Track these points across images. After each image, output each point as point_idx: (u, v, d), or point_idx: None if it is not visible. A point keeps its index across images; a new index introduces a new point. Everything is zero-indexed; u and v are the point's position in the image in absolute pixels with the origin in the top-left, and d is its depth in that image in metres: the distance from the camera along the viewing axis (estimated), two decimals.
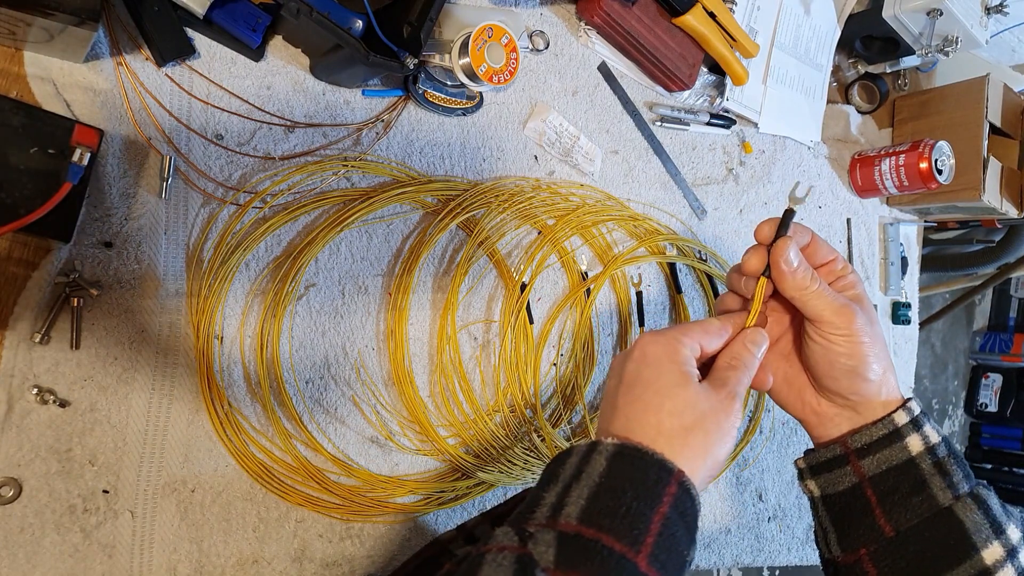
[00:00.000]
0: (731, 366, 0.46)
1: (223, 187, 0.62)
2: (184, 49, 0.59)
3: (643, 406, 0.42)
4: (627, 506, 0.37)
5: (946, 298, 2.35)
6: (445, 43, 0.68)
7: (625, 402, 0.43)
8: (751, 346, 0.47)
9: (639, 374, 0.44)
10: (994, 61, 1.23)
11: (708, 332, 0.47)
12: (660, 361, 0.44)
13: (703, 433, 0.41)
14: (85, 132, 0.53)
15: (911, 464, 0.46)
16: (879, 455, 0.47)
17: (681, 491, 0.39)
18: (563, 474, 0.40)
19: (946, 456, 0.46)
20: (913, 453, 0.46)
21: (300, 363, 0.66)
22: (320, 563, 0.65)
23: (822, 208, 1.04)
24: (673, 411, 0.42)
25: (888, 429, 0.47)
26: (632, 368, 0.44)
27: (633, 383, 0.44)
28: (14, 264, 0.54)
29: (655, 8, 0.79)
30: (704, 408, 0.42)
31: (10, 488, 0.54)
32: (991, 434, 2.95)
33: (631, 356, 0.45)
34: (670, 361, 0.44)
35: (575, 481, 0.39)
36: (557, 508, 0.38)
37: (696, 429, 0.41)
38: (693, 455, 0.41)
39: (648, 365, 0.44)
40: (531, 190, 0.77)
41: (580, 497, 0.38)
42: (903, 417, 0.47)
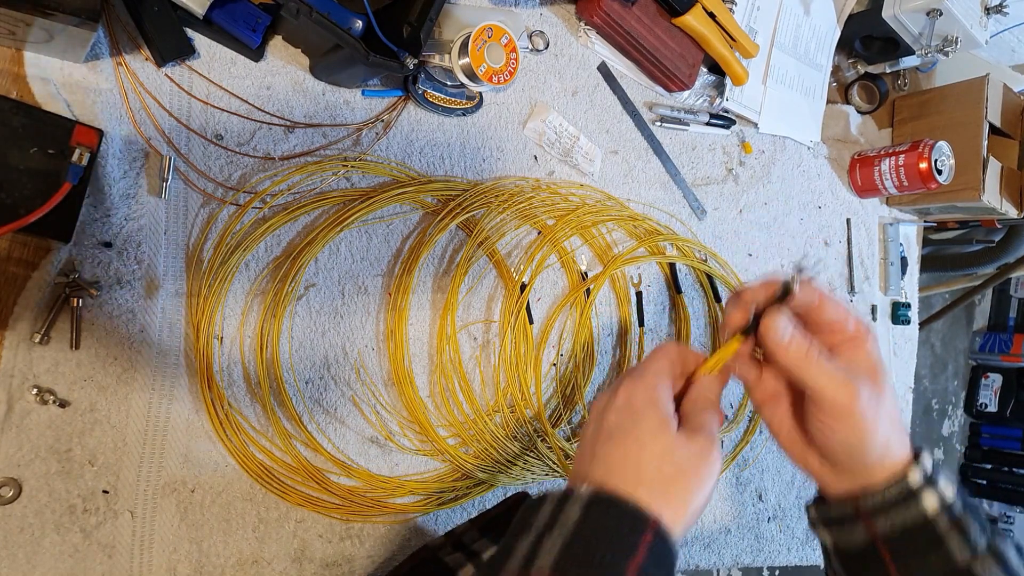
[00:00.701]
0: (702, 408, 0.45)
1: (223, 187, 0.62)
2: (184, 49, 0.59)
3: (623, 454, 0.42)
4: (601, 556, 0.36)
5: (946, 298, 2.35)
6: (445, 43, 0.68)
7: (605, 450, 0.43)
8: (709, 393, 0.46)
9: (619, 423, 0.43)
10: (994, 61, 1.23)
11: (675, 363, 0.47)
12: (639, 409, 0.43)
13: (684, 482, 0.41)
14: (85, 132, 0.53)
15: (927, 524, 0.44)
16: (894, 517, 0.45)
17: (657, 540, 0.38)
18: (536, 522, 0.39)
19: (962, 512, 0.44)
20: (929, 513, 0.44)
21: (300, 363, 0.66)
22: (320, 563, 0.65)
23: (822, 208, 1.04)
24: (652, 460, 0.41)
25: (902, 490, 0.45)
26: (612, 416, 0.44)
27: (613, 431, 0.43)
28: (14, 264, 0.54)
29: (655, 8, 0.79)
30: (683, 456, 0.41)
31: (10, 488, 0.54)
32: (991, 434, 2.95)
33: (612, 404, 0.44)
34: (649, 408, 0.43)
35: (548, 531, 0.38)
36: (529, 559, 0.37)
37: (678, 478, 0.41)
38: (674, 505, 0.40)
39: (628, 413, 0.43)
40: (531, 190, 0.77)
41: (553, 547, 0.37)
42: (916, 476, 0.45)
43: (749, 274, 0.95)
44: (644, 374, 0.45)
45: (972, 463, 2.99)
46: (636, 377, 0.45)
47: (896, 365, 1.13)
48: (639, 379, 0.45)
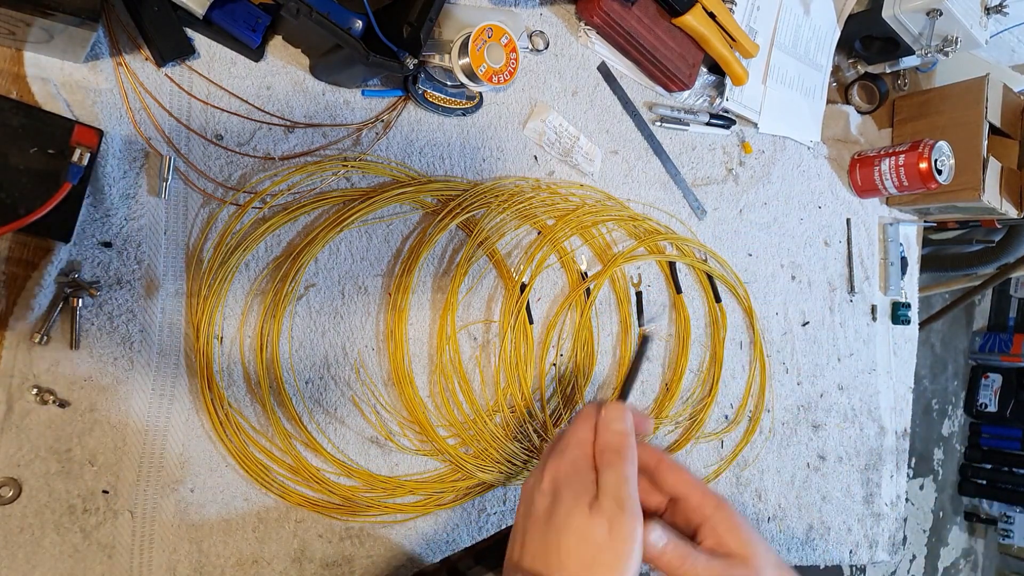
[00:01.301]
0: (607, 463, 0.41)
1: (223, 187, 0.62)
2: (184, 49, 0.59)
3: (545, 544, 0.40)
4: None
5: (946, 298, 2.35)
6: (445, 43, 0.68)
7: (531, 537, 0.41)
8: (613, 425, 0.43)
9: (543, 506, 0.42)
10: (994, 61, 1.23)
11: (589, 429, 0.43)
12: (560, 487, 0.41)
13: (607, 569, 0.38)
14: (85, 132, 0.53)
15: None
16: None
17: None
18: None
19: None
20: None
21: (300, 363, 0.66)
22: (320, 563, 0.65)
23: (822, 208, 1.04)
24: (571, 549, 0.39)
25: None
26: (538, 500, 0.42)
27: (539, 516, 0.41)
28: (14, 264, 0.54)
29: (655, 8, 0.79)
30: (598, 537, 0.39)
31: (10, 488, 0.54)
32: (991, 434, 2.96)
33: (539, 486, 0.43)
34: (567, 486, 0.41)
35: None
36: None
37: (596, 566, 0.38)
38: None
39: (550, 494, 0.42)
40: (531, 190, 0.77)
41: None
42: None
43: (749, 274, 0.95)
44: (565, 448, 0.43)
45: (972, 463, 2.99)
46: (558, 453, 0.43)
47: (896, 365, 1.13)
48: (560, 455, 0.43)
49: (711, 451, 0.90)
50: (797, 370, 1.00)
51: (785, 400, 0.98)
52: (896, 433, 1.13)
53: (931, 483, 2.89)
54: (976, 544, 3.13)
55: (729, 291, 0.93)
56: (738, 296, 0.93)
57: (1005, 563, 3.24)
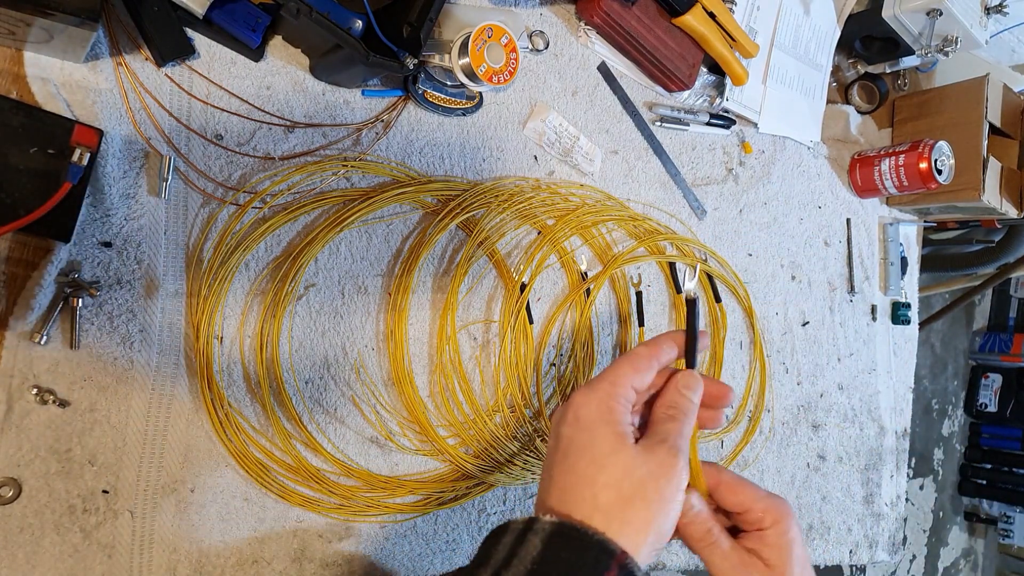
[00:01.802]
0: (669, 416, 0.42)
1: (223, 187, 0.63)
2: (184, 49, 0.59)
3: (577, 477, 0.39)
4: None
5: (946, 298, 2.35)
6: (445, 43, 0.68)
7: (560, 471, 0.40)
8: (686, 391, 0.43)
9: (573, 439, 0.40)
10: (994, 61, 1.23)
11: (639, 370, 0.43)
12: (593, 424, 0.40)
13: (643, 504, 0.38)
14: (85, 132, 0.53)
15: None
16: None
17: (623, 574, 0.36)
18: (495, 556, 0.36)
19: None
20: None
21: (300, 363, 0.66)
22: (320, 563, 0.65)
23: (822, 208, 1.04)
24: (609, 482, 0.38)
25: None
26: (566, 432, 0.41)
27: (568, 450, 0.40)
28: (14, 264, 0.54)
29: (655, 8, 0.79)
30: (642, 474, 0.38)
31: (10, 488, 0.54)
32: (991, 434, 2.96)
33: (565, 418, 0.41)
34: (603, 423, 0.40)
35: (506, 566, 0.35)
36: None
37: (635, 499, 0.38)
38: (634, 530, 0.37)
39: (581, 429, 0.40)
40: (531, 190, 0.77)
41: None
42: None
43: (749, 274, 0.95)
44: (599, 383, 0.42)
45: (972, 463, 2.99)
46: (589, 387, 0.42)
47: (896, 365, 1.13)
48: (592, 390, 0.42)
49: (711, 451, 0.90)
50: (797, 370, 1.00)
51: (785, 400, 0.98)
52: (896, 433, 1.13)
53: (931, 483, 2.89)
54: (976, 544, 3.13)
55: (729, 291, 0.93)
56: (738, 296, 0.93)
57: (1005, 563, 3.24)
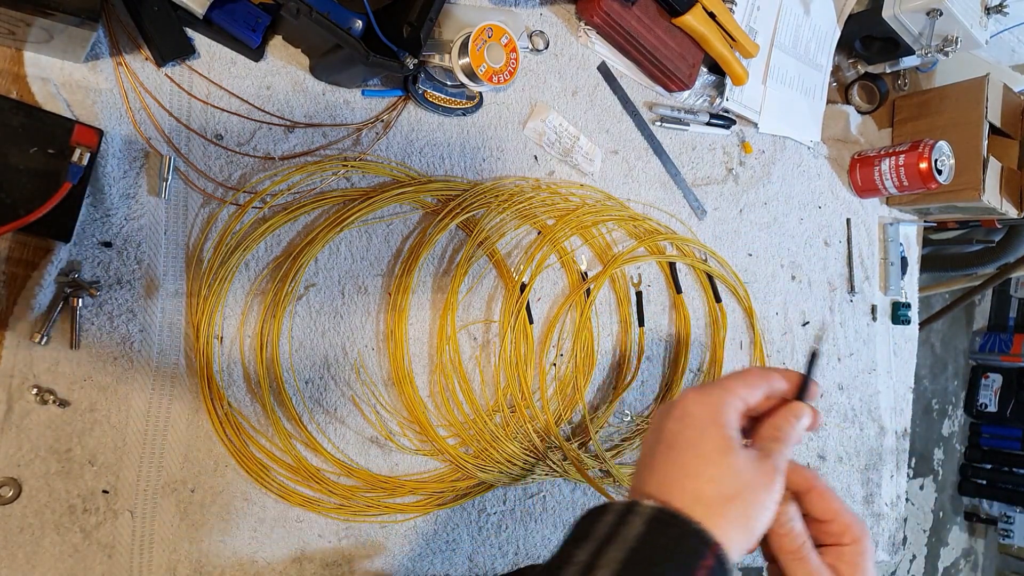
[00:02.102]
0: (775, 438, 0.44)
1: (223, 187, 0.62)
2: (184, 49, 0.59)
3: (682, 469, 0.41)
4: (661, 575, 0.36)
5: (946, 298, 2.35)
6: (445, 43, 0.68)
7: (663, 461, 0.42)
8: (793, 419, 0.45)
9: (680, 434, 0.42)
10: (994, 61, 1.23)
11: (751, 385, 0.45)
12: (703, 423, 0.42)
13: (743, 505, 0.40)
14: (85, 132, 0.53)
15: None
16: None
17: (717, 565, 0.37)
18: (596, 532, 0.38)
19: None
20: None
21: (300, 363, 0.66)
22: (320, 563, 0.65)
23: (822, 208, 1.04)
24: (714, 478, 0.40)
25: None
26: (673, 427, 0.43)
27: (673, 443, 0.42)
28: (14, 264, 0.54)
29: (655, 8, 0.79)
30: (747, 479, 0.40)
31: (10, 488, 0.54)
32: (991, 434, 2.96)
33: (672, 413, 0.43)
34: (713, 424, 0.42)
35: (609, 542, 0.37)
36: (588, 568, 0.36)
37: (736, 500, 0.40)
38: (730, 527, 0.39)
39: (690, 426, 0.42)
40: (531, 190, 0.77)
41: (614, 560, 0.36)
42: None
43: (749, 274, 0.95)
44: (713, 388, 0.44)
45: (972, 463, 2.99)
46: (702, 390, 0.44)
47: (896, 365, 1.13)
48: (705, 392, 0.44)
49: None
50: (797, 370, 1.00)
51: None
52: (896, 433, 1.13)
53: (931, 483, 2.89)
54: (976, 544, 3.13)
55: (729, 291, 0.93)
56: (738, 296, 0.93)
57: (1005, 563, 3.24)
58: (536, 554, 0.77)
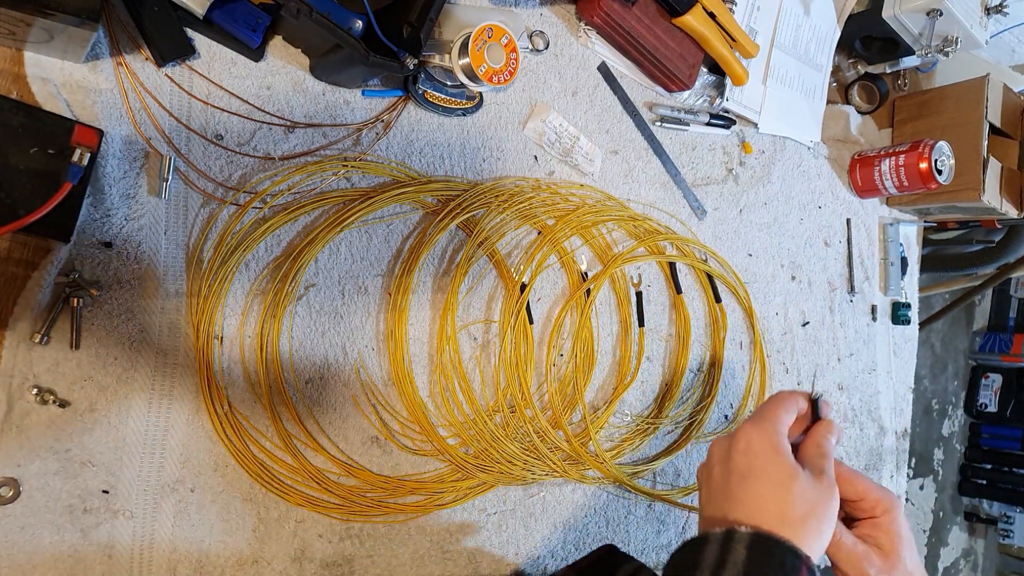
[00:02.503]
0: (820, 454, 0.50)
1: (223, 187, 0.62)
2: (184, 49, 0.59)
3: (762, 497, 0.47)
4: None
5: (946, 298, 2.35)
6: (445, 43, 0.68)
7: (742, 491, 0.48)
8: (830, 435, 0.52)
9: (751, 466, 0.48)
10: (994, 61, 1.23)
11: (788, 410, 0.52)
12: (767, 453, 0.48)
13: (816, 520, 0.46)
14: (85, 132, 0.53)
15: None
16: None
17: (809, 574, 0.43)
18: (705, 561, 0.44)
19: None
20: None
21: (300, 363, 0.66)
22: (320, 563, 0.65)
23: (822, 208, 1.04)
24: (791, 502, 0.46)
25: None
26: (740, 460, 0.49)
27: (747, 474, 0.48)
28: (14, 264, 0.54)
29: (655, 8, 0.79)
30: (814, 498, 0.47)
31: (10, 488, 0.54)
32: (991, 434, 2.96)
33: (736, 447, 0.50)
34: (776, 452, 0.48)
35: (721, 568, 0.43)
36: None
37: (811, 517, 0.46)
38: (810, 539, 0.45)
39: (756, 457, 0.49)
40: (531, 190, 0.77)
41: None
42: None
43: (749, 274, 0.95)
44: (765, 421, 0.50)
45: (972, 463, 2.99)
46: (757, 424, 0.50)
47: (896, 365, 1.13)
48: (761, 426, 0.50)
49: None
50: (797, 370, 1.00)
51: None
52: (896, 433, 1.13)
53: (931, 483, 2.89)
54: (976, 544, 3.13)
55: (729, 291, 0.93)
56: (738, 296, 0.93)
57: (1005, 563, 3.24)
58: (536, 554, 0.77)
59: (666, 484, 0.87)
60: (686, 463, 0.88)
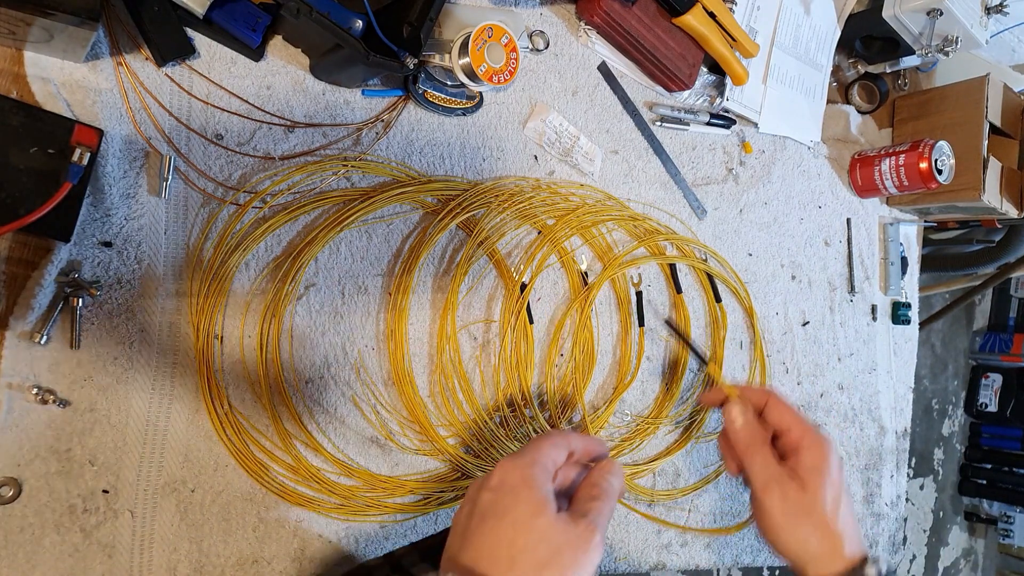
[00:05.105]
0: (592, 496, 0.44)
1: (223, 187, 0.62)
2: (184, 49, 0.59)
3: (496, 538, 0.40)
4: None
5: (946, 298, 2.35)
6: (445, 43, 0.68)
7: (478, 533, 0.41)
8: (608, 476, 0.46)
9: (495, 503, 0.42)
10: (994, 61, 1.23)
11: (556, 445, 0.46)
12: (516, 488, 0.42)
13: (559, 568, 0.39)
14: (85, 132, 0.53)
15: None
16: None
17: None
18: None
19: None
20: None
21: (300, 363, 0.66)
22: (320, 563, 0.65)
23: (822, 208, 1.04)
24: (527, 545, 0.39)
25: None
26: (487, 496, 0.42)
27: (487, 512, 0.41)
28: (14, 264, 0.54)
29: (655, 8, 0.79)
30: (560, 542, 0.40)
31: (10, 488, 0.54)
32: (991, 434, 2.96)
33: (487, 484, 0.43)
34: (526, 487, 0.42)
35: None
36: None
37: (551, 565, 0.39)
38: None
39: (504, 493, 0.42)
40: (531, 190, 0.77)
41: None
42: None
43: (749, 274, 0.95)
44: (524, 454, 0.44)
45: (972, 463, 2.99)
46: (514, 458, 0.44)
47: (896, 365, 1.13)
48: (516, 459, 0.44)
49: (712, 451, 0.90)
50: (797, 370, 1.00)
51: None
52: (896, 433, 1.13)
53: (931, 483, 2.89)
54: (976, 544, 3.13)
55: (729, 291, 0.93)
56: (738, 296, 0.93)
57: (1005, 563, 3.24)
58: None
59: (666, 484, 0.87)
60: (686, 463, 0.88)
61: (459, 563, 0.40)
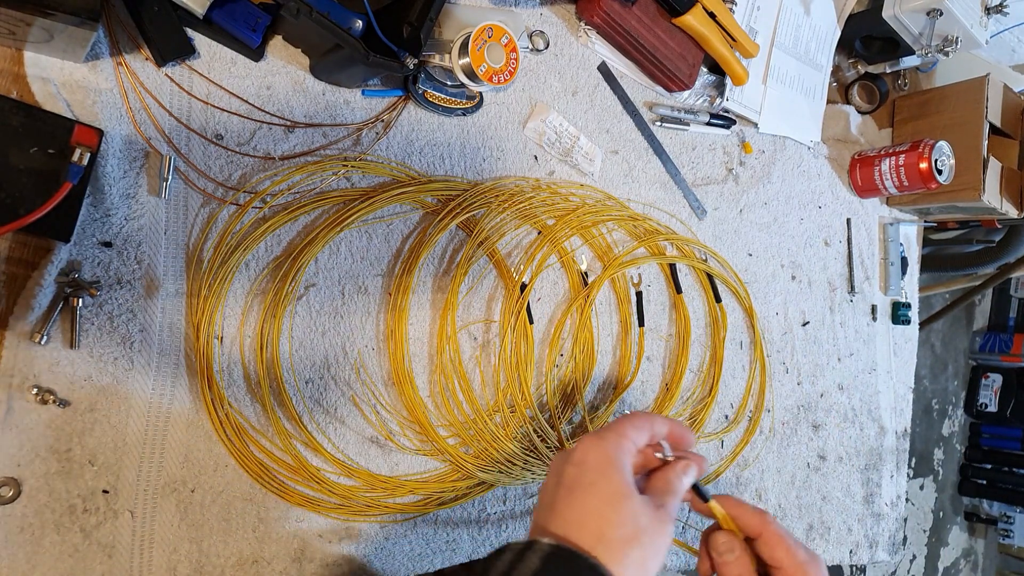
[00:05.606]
0: (667, 490, 0.46)
1: (223, 187, 0.62)
2: (184, 49, 0.59)
3: (585, 511, 0.43)
4: None
5: (946, 298, 2.36)
6: (445, 43, 0.68)
7: (566, 504, 0.43)
8: (683, 475, 0.47)
9: (580, 478, 0.44)
10: (994, 61, 1.23)
11: (639, 428, 0.47)
12: (603, 468, 0.44)
13: (640, 547, 0.42)
14: (85, 132, 0.53)
15: None
16: None
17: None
18: (496, 569, 0.40)
19: None
20: None
21: (300, 363, 0.66)
22: (320, 563, 0.65)
23: (822, 208, 1.04)
24: (615, 521, 0.42)
25: None
26: (572, 471, 0.44)
27: (573, 486, 0.44)
28: (14, 264, 0.54)
29: (655, 8, 0.79)
30: (644, 524, 0.42)
31: (10, 488, 0.54)
32: (991, 434, 2.96)
33: (571, 459, 0.45)
34: (614, 469, 0.44)
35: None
36: None
37: (634, 542, 0.41)
38: (628, 566, 0.41)
39: (591, 470, 0.44)
40: (531, 190, 0.77)
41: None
42: None
43: (749, 274, 0.95)
44: (607, 433, 0.46)
45: (972, 463, 2.99)
46: (598, 436, 0.46)
47: (896, 365, 1.13)
48: (601, 438, 0.46)
49: (711, 451, 0.90)
50: (797, 370, 1.00)
51: (785, 400, 0.98)
52: (896, 433, 1.13)
53: (931, 483, 2.89)
54: (976, 544, 3.13)
55: (729, 291, 0.93)
56: (738, 296, 0.93)
57: (1005, 563, 3.24)
58: None
59: None
60: None
61: (549, 530, 0.43)
